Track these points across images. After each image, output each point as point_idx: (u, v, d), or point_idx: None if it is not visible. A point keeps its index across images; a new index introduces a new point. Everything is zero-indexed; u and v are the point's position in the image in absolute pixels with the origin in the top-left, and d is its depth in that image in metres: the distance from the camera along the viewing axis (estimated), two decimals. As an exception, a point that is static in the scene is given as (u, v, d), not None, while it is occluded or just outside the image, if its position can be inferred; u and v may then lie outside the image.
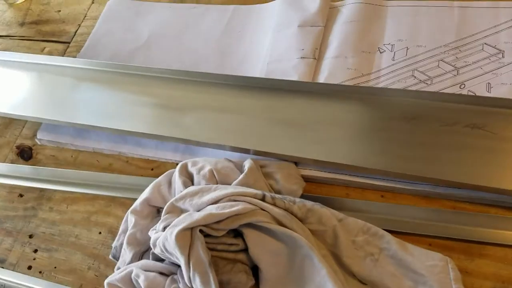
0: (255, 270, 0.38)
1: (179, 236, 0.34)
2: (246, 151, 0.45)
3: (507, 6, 0.47)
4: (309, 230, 0.39)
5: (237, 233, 0.38)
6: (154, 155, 0.49)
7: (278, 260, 0.38)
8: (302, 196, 0.43)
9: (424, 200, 0.41)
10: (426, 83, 0.45)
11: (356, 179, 0.42)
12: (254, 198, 0.38)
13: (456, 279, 0.36)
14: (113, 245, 0.42)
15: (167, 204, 0.38)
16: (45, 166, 0.52)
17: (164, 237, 0.35)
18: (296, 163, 0.44)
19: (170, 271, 0.37)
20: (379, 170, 0.41)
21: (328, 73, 0.48)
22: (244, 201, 0.37)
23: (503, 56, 0.44)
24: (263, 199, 0.38)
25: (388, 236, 0.39)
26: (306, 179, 0.44)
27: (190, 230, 0.35)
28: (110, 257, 0.42)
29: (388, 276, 0.37)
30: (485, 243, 0.38)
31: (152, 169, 0.48)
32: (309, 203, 0.40)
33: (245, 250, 0.38)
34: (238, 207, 0.36)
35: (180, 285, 0.36)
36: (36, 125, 0.55)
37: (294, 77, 0.49)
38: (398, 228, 0.40)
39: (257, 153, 0.45)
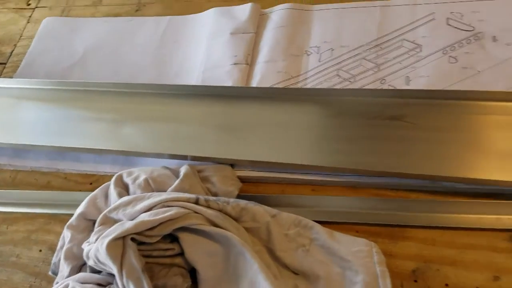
0: (194, 272, 0.40)
1: (110, 246, 0.35)
2: (184, 157, 0.46)
3: (424, 3, 0.50)
4: (243, 228, 0.40)
5: (173, 238, 0.39)
6: (93, 169, 0.49)
7: (214, 261, 0.39)
8: (239, 196, 0.44)
9: (351, 190, 0.43)
10: (350, 81, 0.48)
11: (289, 176, 0.44)
12: (188, 202, 0.39)
13: (380, 262, 0.38)
14: (52, 261, 0.42)
15: (100, 216, 0.38)
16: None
17: (95, 249, 0.35)
18: (232, 165, 0.46)
19: (107, 282, 0.37)
20: (310, 166, 0.43)
21: (260, 77, 0.50)
22: (178, 206, 0.38)
23: (421, 50, 0.47)
24: (196, 202, 0.39)
25: (318, 226, 0.40)
26: (243, 180, 0.45)
27: (122, 239, 0.36)
28: (50, 273, 0.42)
29: (318, 264, 0.39)
30: (407, 226, 0.40)
31: (91, 183, 0.48)
32: (243, 203, 0.41)
33: (182, 254, 0.39)
34: (170, 212, 0.37)
35: (116, 294, 0.36)
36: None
37: (229, 83, 0.50)
38: (328, 218, 0.42)
39: (194, 158, 0.46)
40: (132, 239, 0.36)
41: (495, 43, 0.45)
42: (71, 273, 0.40)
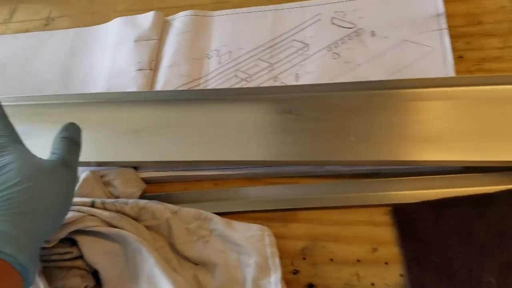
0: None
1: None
2: (87, 164, 0.47)
3: (312, 5, 0.54)
4: (143, 227, 0.43)
5: (74, 242, 0.41)
6: None
7: (114, 260, 0.40)
8: (144, 197, 0.46)
9: (249, 181, 0.46)
10: (247, 80, 0.51)
11: (191, 173, 0.46)
12: (83, 206, 0.40)
13: (271, 244, 0.41)
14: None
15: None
16: None
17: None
18: (136, 168, 0.48)
19: None
20: (210, 161, 0.46)
21: (164, 81, 0.52)
22: (72, 210, 0.40)
23: (308, 49, 0.51)
24: (92, 205, 0.41)
25: (216, 218, 0.43)
26: (148, 181, 0.48)
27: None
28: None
29: (215, 253, 0.41)
30: (297, 209, 0.43)
31: None
32: (142, 202, 0.43)
33: (82, 256, 0.40)
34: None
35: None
36: None
37: (133, 89, 0.52)
38: (229, 209, 0.44)
39: (98, 164, 0.47)
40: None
41: (373, 38, 0.50)
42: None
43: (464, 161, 0.41)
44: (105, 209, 0.41)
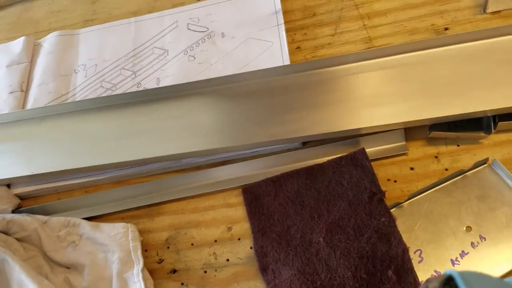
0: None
1: None
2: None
3: (170, 13, 0.58)
4: (14, 239, 0.45)
5: None
6: None
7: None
8: (19, 211, 0.48)
9: (117, 184, 0.49)
10: (112, 90, 0.54)
11: (62, 183, 0.49)
12: None
13: (134, 239, 0.44)
14: None
15: None
16: None
17: None
18: (9, 186, 0.50)
19: None
20: (76, 169, 0.48)
21: (34, 100, 0.55)
22: None
23: (167, 54, 0.55)
24: (-45, 224, 0.43)
25: (84, 222, 0.46)
26: (23, 197, 0.50)
27: None
28: None
29: (84, 255, 0.44)
30: (162, 203, 0.47)
31: None
32: (8, 216, 0.45)
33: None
34: None
35: None
36: None
37: (6, 111, 0.54)
38: (98, 212, 0.47)
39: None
40: None
41: (223, 39, 0.54)
42: None
43: (298, 137, 0.46)
44: (-32, 227, 0.43)
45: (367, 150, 0.43)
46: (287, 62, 0.50)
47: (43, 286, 0.40)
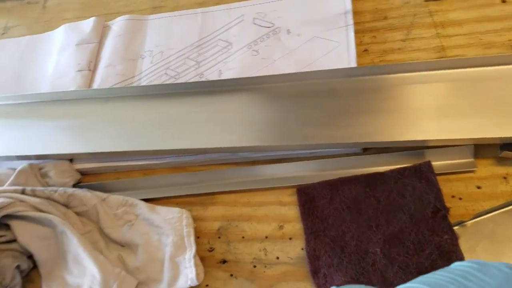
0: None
1: None
2: (28, 157, 0.51)
3: (236, 7, 0.59)
4: (73, 213, 0.47)
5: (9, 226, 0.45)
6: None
7: (47, 243, 0.45)
8: (78, 187, 0.50)
9: (174, 169, 0.50)
10: (175, 78, 0.55)
11: (122, 163, 0.51)
12: (14, 193, 0.45)
13: (188, 225, 0.45)
14: None
15: None
16: None
17: None
18: (71, 160, 0.52)
19: None
20: (137, 151, 0.50)
21: (101, 80, 0.57)
22: (3, 197, 0.44)
23: (231, 47, 0.56)
24: (22, 192, 0.45)
25: (141, 203, 0.47)
26: (83, 172, 0.52)
27: None
28: None
29: (139, 235, 0.45)
30: (215, 193, 0.48)
31: None
32: (70, 190, 0.47)
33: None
34: (-6, 202, 0.43)
35: None
36: None
37: (73, 88, 0.57)
38: (155, 195, 0.49)
39: (38, 157, 0.51)
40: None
41: (288, 35, 0.54)
42: None
43: (361, 142, 0.45)
44: (35, 195, 0.45)
45: (432, 163, 0.42)
46: (353, 64, 0.49)
47: (98, 261, 0.42)
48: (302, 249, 0.43)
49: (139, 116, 0.52)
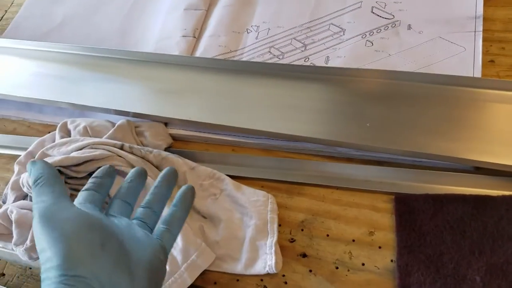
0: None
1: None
2: (126, 113, 0.52)
3: (355, -9, 0.55)
4: (163, 176, 0.47)
5: (102, 178, 0.46)
6: (52, 120, 0.56)
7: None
8: (169, 151, 0.51)
9: (263, 151, 0.49)
10: (279, 58, 0.53)
11: (213, 136, 0.50)
12: (113, 147, 0.46)
13: (272, 210, 0.44)
14: (3, 193, 0.49)
15: (39, 152, 0.46)
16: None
17: (27, 175, 0.42)
18: (166, 124, 0.52)
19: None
20: (230, 127, 0.49)
21: (203, 49, 0.56)
22: (103, 149, 0.45)
23: (343, 34, 0.53)
24: (121, 148, 0.46)
25: (228, 179, 0.47)
26: (175, 138, 0.52)
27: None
28: (0, 202, 0.49)
29: (222, 210, 0.45)
30: (304, 184, 0.46)
31: (49, 132, 0.56)
32: (164, 153, 0.47)
33: (108, 192, 0.46)
34: (95, 152, 0.44)
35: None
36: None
37: (176, 53, 0.56)
38: (241, 174, 0.48)
39: (135, 115, 0.52)
40: (60, 172, 0.43)
41: (409, 31, 0.50)
42: (15, 201, 0.47)
43: (475, 160, 0.41)
44: (132, 153, 0.46)
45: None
46: (477, 74, 0.45)
47: (183, 229, 0.42)
48: (392, 261, 0.40)
49: (236, 92, 0.51)
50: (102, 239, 0.30)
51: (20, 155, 0.53)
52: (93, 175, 0.35)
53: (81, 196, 0.34)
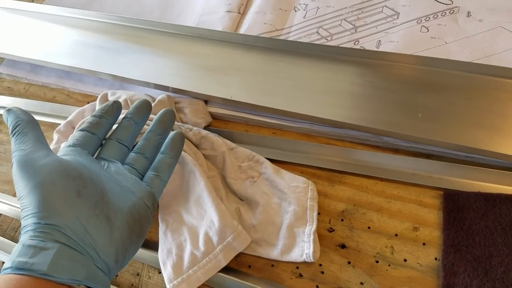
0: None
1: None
2: (166, 88, 0.51)
3: (412, -26, 0.52)
4: (202, 154, 0.46)
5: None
6: (92, 90, 0.56)
7: (173, 177, 0.45)
8: (208, 129, 0.50)
9: (305, 136, 0.47)
10: (327, 39, 0.51)
11: (254, 117, 0.49)
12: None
13: (312, 198, 0.42)
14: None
15: (79, 122, 0.45)
16: (1, 95, 0.60)
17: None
18: (206, 102, 0.51)
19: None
20: (272, 109, 0.47)
21: (248, 26, 0.54)
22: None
23: (397, 18, 0.50)
24: (162, 123, 0.45)
25: (267, 163, 0.45)
26: (214, 116, 0.51)
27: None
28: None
29: (260, 194, 0.44)
30: (346, 173, 0.44)
31: (88, 102, 0.55)
32: (204, 132, 0.46)
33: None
34: (136, 126, 0.43)
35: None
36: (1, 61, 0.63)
37: (219, 28, 0.55)
38: (281, 158, 0.46)
39: (174, 90, 0.51)
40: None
41: (468, 18, 0.47)
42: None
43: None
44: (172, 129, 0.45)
45: None
46: (544, 68, 0.42)
47: (220, 209, 0.41)
48: (436, 259, 0.38)
49: (280, 73, 0.49)
50: (78, 186, 0.29)
51: (58, 124, 0.53)
52: (94, 113, 0.34)
53: (73, 138, 0.33)
